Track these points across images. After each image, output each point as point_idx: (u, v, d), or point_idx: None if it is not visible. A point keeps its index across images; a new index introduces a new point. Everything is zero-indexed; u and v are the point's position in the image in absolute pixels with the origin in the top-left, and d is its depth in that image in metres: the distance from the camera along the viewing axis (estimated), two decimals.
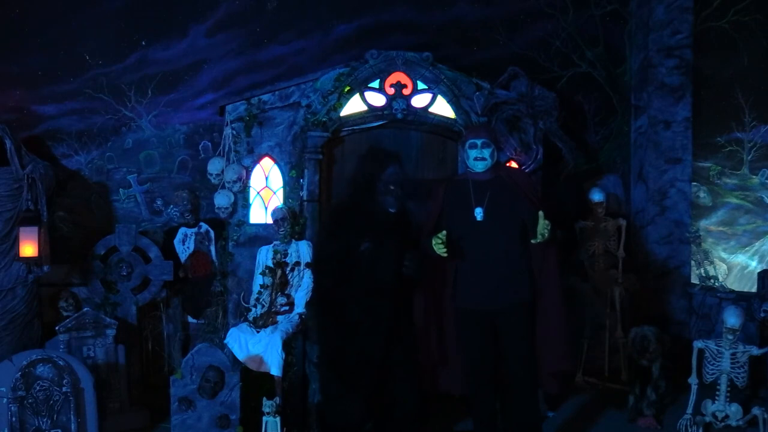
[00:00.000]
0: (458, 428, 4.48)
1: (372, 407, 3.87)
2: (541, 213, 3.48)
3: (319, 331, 4.08)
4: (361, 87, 5.18)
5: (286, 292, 4.68)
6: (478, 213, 3.64)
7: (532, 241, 3.54)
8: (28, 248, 4.56)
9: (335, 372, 3.85)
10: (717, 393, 4.33)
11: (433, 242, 3.54)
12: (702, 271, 5.87)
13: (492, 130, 4.13)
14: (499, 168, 3.88)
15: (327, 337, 3.93)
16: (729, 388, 4.30)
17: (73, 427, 3.78)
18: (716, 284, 5.79)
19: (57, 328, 4.47)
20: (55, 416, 3.78)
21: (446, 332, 3.87)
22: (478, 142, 3.74)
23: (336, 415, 3.85)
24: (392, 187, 3.71)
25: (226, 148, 5.13)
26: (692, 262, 6.00)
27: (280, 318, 4.58)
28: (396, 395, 3.82)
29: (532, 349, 3.73)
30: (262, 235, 5.08)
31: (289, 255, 4.73)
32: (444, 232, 3.54)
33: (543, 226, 3.46)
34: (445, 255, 3.55)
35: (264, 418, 3.95)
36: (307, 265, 4.60)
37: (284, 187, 5.18)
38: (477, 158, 3.74)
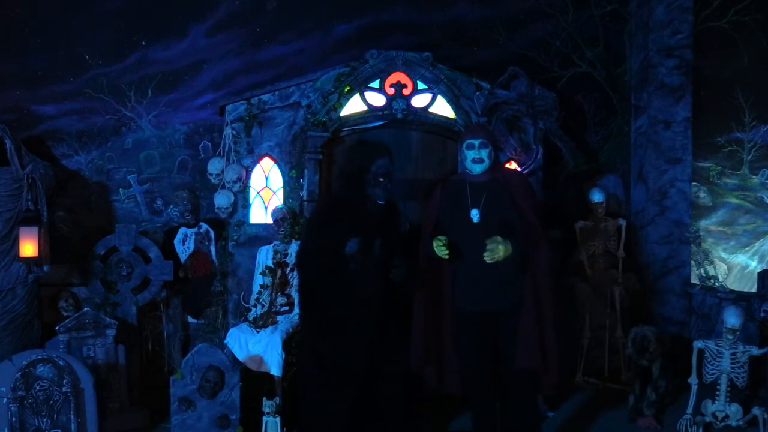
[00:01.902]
0: (456, 428, 4.48)
1: (358, 408, 3.86)
2: (496, 238, 3.43)
3: (303, 332, 4.03)
4: (361, 87, 5.18)
5: (286, 292, 4.68)
6: (475, 215, 3.58)
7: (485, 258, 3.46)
8: (28, 248, 4.55)
9: (318, 375, 3.80)
10: (717, 393, 4.33)
11: (435, 245, 3.52)
12: (702, 271, 5.87)
13: (490, 129, 4.03)
14: (497, 169, 3.81)
15: (311, 338, 3.89)
16: (729, 388, 4.30)
17: (73, 427, 3.78)
18: (716, 284, 5.79)
19: (57, 328, 4.47)
20: (55, 416, 3.78)
21: (445, 332, 3.86)
22: (476, 142, 3.68)
23: (315, 421, 3.80)
24: (381, 179, 3.67)
25: (226, 148, 5.14)
26: (692, 262, 6.00)
27: (280, 318, 4.58)
28: (383, 395, 3.80)
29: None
30: (262, 235, 5.08)
31: (289, 255, 4.73)
32: (444, 237, 3.51)
33: (491, 250, 3.42)
34: (447, 257, 3.52)
35: (264, 418, 3.95)
36: None
37: (284, 187, 5.18)
38: (475, 159, 3.68)
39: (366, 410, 3.89)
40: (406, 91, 5.22)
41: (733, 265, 6.45)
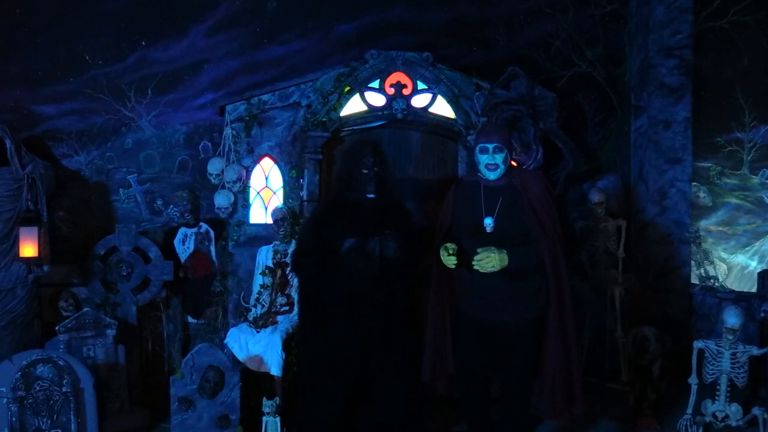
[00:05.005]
0: (456, 430, 4.48)
1: (356, 411, 3.85)
2: (490, 248, 3.30)
3: (300, 329, 4.07)
4: (361, 87, 5.18)
5: (286, 292, 4.68)
6: (488, 224, 3.41)
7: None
8: (28, 248, 4.56)
9: (312, 374, 3.81)
10: (717, 393, 4.33)
11: (442, 254, 3.38)
12: (702, 271, 5.87)
13: (504, 131, 3.69)
14: (513, 173, 3.59)
15: (306, 336, 3.91)
16: (729, 388, 4.30)
17: (73, 427, 3.79)
18: (716, 284, 5.79)
19: (57, 328, 4.47)
20: (55, 416, 3.78)
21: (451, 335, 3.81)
22: (490, 146, 3.48)
23: (311, 419, 3.81)
24: (365, 171, 3.64)
25: (226, 148, 5.14)
26: (692, 262, 6.00)
27: (280, 318, 4.58)
28: (381, 398, 3.79)
29: (530, 366, 3.55)
30: (262, 235, 5.09)
31: (289, 255, 4.73)
32: (453, 244, 3.39)
33: (480, 258, 3.29)
34: (455, 266, 3.40)
35: (264, 418, 3.96)
36: None
37: (284, 187, 5.18)
38: (489, 165, 3.49)
39: (365, 413, 3.89)
40: (406, 91, 5.22)
41: (733, 265, 6.44)
